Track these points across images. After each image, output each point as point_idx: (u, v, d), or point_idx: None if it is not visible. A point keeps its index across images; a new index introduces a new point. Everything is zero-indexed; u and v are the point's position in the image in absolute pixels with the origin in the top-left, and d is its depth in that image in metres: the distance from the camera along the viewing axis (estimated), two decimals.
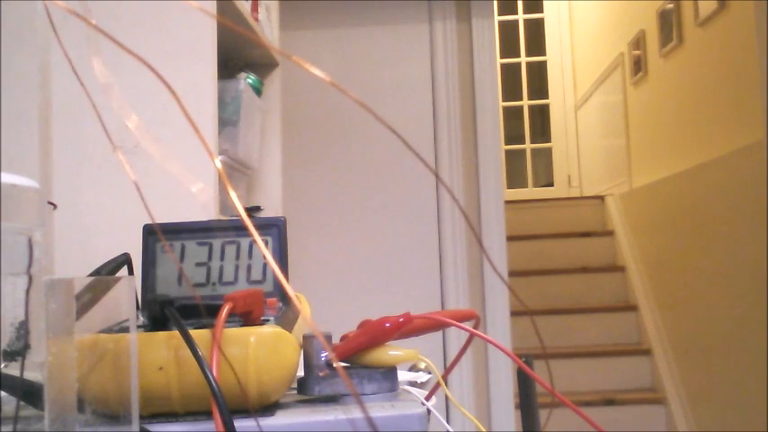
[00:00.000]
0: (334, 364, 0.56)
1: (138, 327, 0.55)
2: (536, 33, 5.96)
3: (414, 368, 0.78)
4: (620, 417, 3.47)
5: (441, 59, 2.74)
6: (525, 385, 0.69)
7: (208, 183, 1.27)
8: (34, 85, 1.15)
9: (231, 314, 0.51)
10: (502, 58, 5.80)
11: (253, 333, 0.52)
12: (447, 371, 0.77)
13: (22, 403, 0.48)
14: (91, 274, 0.62)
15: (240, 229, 0.64)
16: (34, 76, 1.15)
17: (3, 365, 0.48)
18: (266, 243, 0.64)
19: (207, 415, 0.50)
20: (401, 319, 0.58)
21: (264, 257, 0.64)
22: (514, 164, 5.91)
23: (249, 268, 0.64)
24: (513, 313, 2.72)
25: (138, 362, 0.46)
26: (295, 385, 0.58)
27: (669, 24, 3.46)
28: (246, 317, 0.54)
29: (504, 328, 2.65)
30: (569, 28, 5.83)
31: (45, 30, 1.14)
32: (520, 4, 6.00)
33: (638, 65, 3.98)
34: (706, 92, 3.11)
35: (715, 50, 3.00)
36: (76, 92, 0.55)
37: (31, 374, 0.47)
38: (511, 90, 5.89)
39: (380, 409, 0.52)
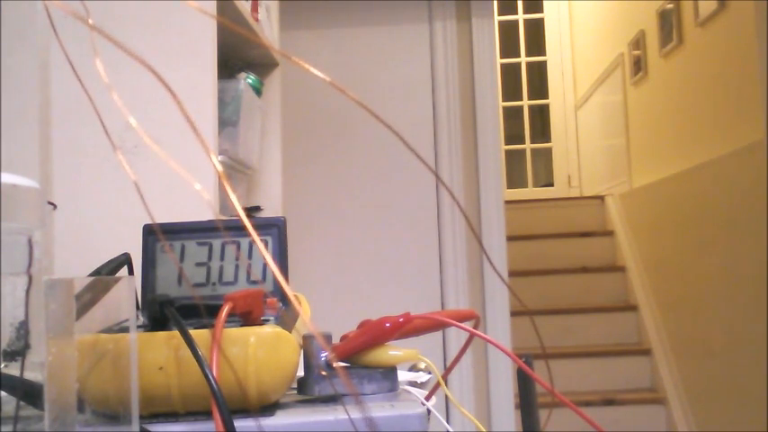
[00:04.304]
0: (334, 364, 0.56)
1: (138, 327, 0.55)
2: (536, 33, 5.95)
3: (414, 368, 0.78)
4: (620, 417, 3.47)
5: (441, 59, 2.74)
6: (525, 385, 0.69)
7: (207, 183, 1.27)
8: (34, 85, 1.15)
9: (231, 314, 0.51)
10: (502, 58, 5.80)
11: (253, 333, 0.52)
12: (447, 371, 0.77)
13: (22, 403, 0.48)
14: (91, 274, 0.62)
15: (240, 229, 0.64)
16: (34, 76, 1.15)
17: (3, 365, 0.48)
18: (266, 243, 0.64)
19: (207, 415, 0.50)
20: (401, 319, 0.58)
21: (264, 258, 0.64)
22: (514, 164, 5.91)
23: (249, 268, 0.64)
24: (513, 313, 2.72)
25: (138, 362, 0.46)
26: (295, 385, 0.58)
27: (669, 24, 3.46)
28: (246, 317, 0.54)
29: (504, 328, 2.65)
30: (569, 28, 5.82)
31: (45, 30, 1.14)
32: (520, 4, 5.99)
33: (638, 65, 3.98)
34: (706, 92, 3.11)
35: (715, 50, 3.00)
36: (76, 92, 0.55)
37: (31, 374, 0.47)
38: (511, 90, 5.88)
39: (380, 409, 0.52)
